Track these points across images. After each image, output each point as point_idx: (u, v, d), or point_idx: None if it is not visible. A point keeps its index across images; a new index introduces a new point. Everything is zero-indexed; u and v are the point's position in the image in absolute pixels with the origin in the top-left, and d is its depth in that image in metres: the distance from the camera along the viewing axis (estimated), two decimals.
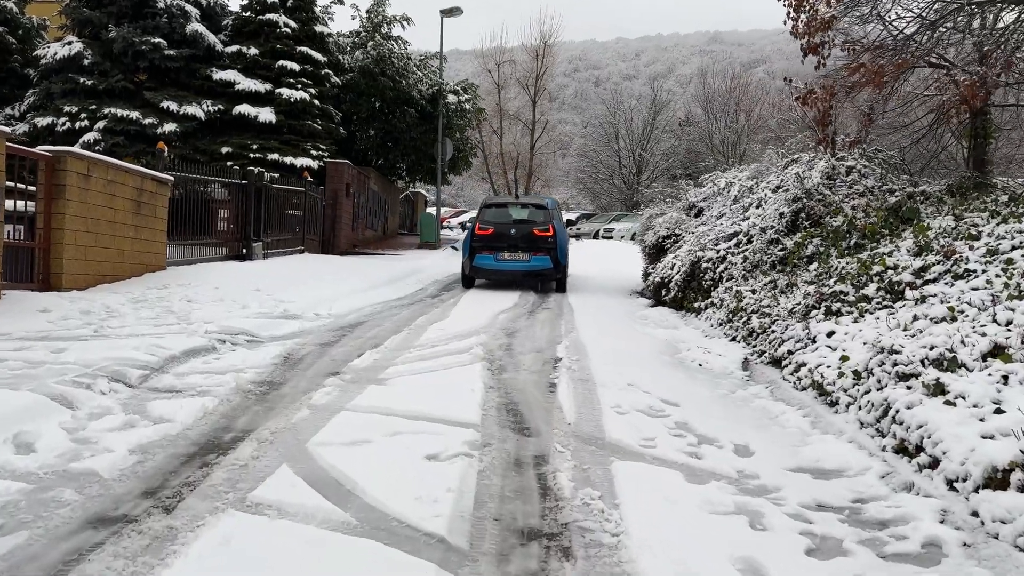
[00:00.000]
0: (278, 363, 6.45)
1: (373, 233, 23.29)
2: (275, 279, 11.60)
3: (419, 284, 14.10)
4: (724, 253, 10.08)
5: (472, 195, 67.00)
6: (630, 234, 32.65)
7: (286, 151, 19.39)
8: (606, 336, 8.65)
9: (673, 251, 12.27)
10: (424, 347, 7.46)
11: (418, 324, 8.95)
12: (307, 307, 9.37)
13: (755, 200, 11.14)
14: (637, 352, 7.77)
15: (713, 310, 9.37)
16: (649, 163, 43.02)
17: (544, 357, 7.33)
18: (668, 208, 14.32)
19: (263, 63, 20.12)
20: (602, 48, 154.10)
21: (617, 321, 10.14)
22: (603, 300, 12.76)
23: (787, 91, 37.82)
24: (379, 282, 13.44)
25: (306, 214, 17.69)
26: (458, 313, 10.09)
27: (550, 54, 50.39)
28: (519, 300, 11.99)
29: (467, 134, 25.89)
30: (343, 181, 20.00)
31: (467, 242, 13.76)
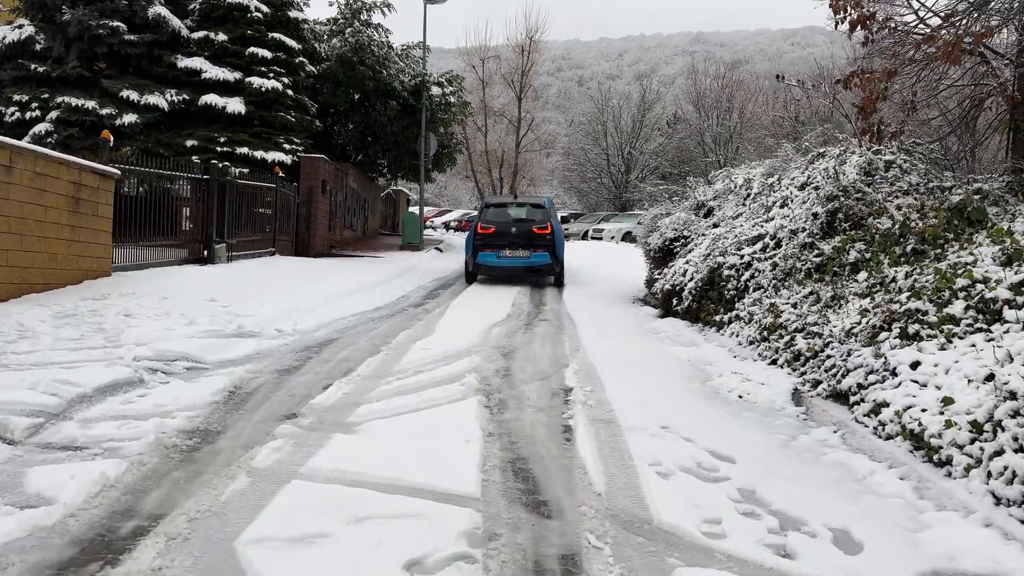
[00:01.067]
0: (220, 401, 5.11)
1: (352, 233, 21.90)
2: (236, 286, 10.21)
3: (401, 290, 12.77)
4: (749, 259, 8.85)
5: (456, 194, 65.59)
6: (620, 235, 31.49)
7: (257, 145, 17.95)
8: (618, 356, 7.38)
9: (683, 255, 11.03)
10: (406, 374, 6.14)
11: (399, 342, 7.63)
12: (268, 321, 8.02)
13: (778, 199, 9.92)
14: (660, 378, 6.50)
15: (740, 325, 8.12)
16: (638, 162, 41.81)
17: (551, 386, 6.04)
18: (674, 207, 13.08)
19: (232, 50, 18.65)
20: (585, 48, 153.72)
21: (626, 335, 8.88)
22: (604, 309, 11.50)
23: (781, 88, 36.36)
24: (355, 289, 12.08)
25: (277, 213, 16.29)
26: (445, 327, 8.78)
27: (536, 50, 49.14)
28: (512, 310, 10.70)
29: (452, 129, 24.55)
30: (319, 177, 18.59)
31: (470, 240, 14.28)
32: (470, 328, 8.63)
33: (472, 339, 7.93)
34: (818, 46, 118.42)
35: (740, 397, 6.01)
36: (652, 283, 12.17)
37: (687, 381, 6.48)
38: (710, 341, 8.35)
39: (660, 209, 13.25)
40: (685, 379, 6.55)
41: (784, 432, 5.09)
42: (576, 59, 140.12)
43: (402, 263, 17.23)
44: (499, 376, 6.30)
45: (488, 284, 14.45)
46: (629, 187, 41.37)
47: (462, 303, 11.38)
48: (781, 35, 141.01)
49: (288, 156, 18.18)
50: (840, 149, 9.92)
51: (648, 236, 12.89)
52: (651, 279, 12.33)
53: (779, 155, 13.28)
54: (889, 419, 4.65)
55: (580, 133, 46.00)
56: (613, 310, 11.37)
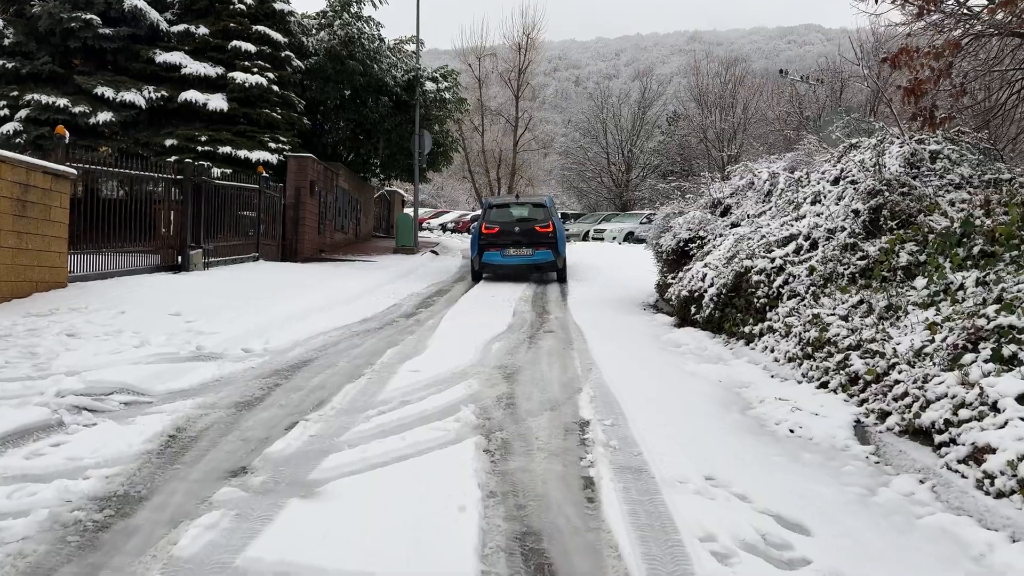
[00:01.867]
0: (154, 451, 4.10)
1: (343, 236, 20.89)
2: (207, 297, 9.20)
3: (392, 298, 11.76)
4: (781, 262, 7.84)
5: (453, 195, 64.54)
6: (622, 235, 30.51)
7: (240, 144, 16.95)
8: (638, 376, 6.38)
9: (701, 258, 10.03)
10: (390, 406, 5.13)
11: (385, 363, 6.61)
12: (235, 340, 7.00)
13: (808, 195, 8.92)
14: (691, 406, 5.49)
15: (775, 338, 7.12)
16: (639, 160, 40.82)
17: (564, 419, 5.04)
18: (688, 205, 12.07)
19: (214, 44, 17.65)
20: (582, 48, 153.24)
21: (643, 350, 7.87)
22: (614, 316, 10.50)
23: (785, 83, 35.68)
24: (342, 298, 11.08)
25: (261, 216, 15.28)
26: (439, 342, 7.77)
27: (533, 47, 48.19)
28: (514, 320, 9.69)
29: (447, 127, 23.54)
30: (307, 178, 17.59)
31: (475, 240, 14.78)
32: (467, 343, 7.63)
33: (469, 357, 6.92)
34: (814, 44, 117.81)
35: (791, 431, 5.00)
36: (665, 288, 11.18)
37: (723, 410, 5.47)
38: (739, 357, 7.34)
39: (672, 207, 12.25)
40: (721, 407, 5.54)
41: (857, 482, 4.09)
42: (572, 59, 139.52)
43: (395, 268, 16.22)
44: (501, 406, 5.29)
45: (487, 290, 13.46)
46: (630, 186, 40.42)
47: (459, 312, 10.37)
48: (777, 33, 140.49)
49: (274, 155, 17.19)
50: (876, 139, 8.93)
51: (659, 237, 11.89)
52: (664, 284, 11.32)
53: (799, 148, 12.32)
54: (999, 470, 3.65)
55: (579, 132, 44.99)
56: (624, 319, 10.37)
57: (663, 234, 11.76)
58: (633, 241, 29.55)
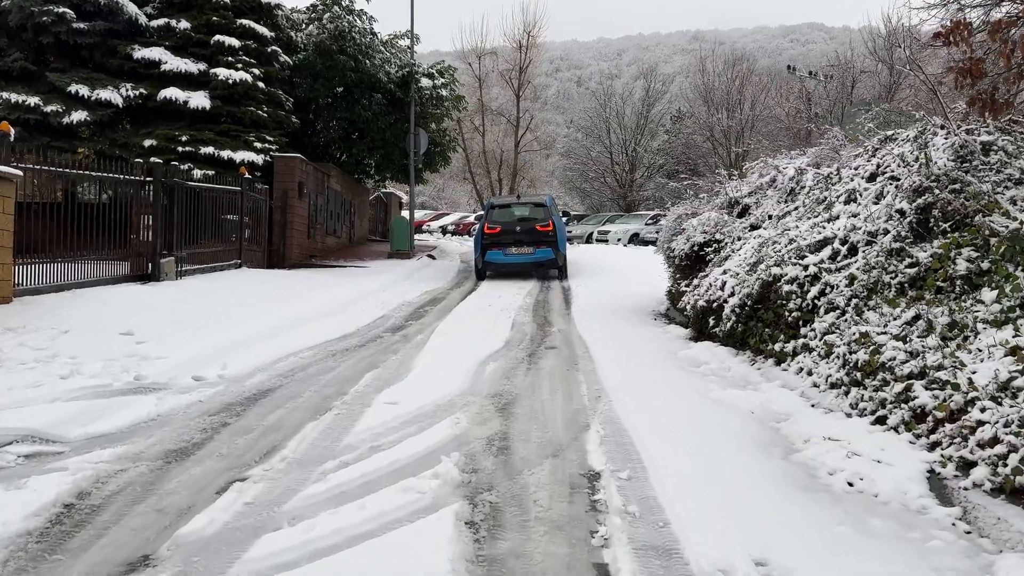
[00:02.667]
0: (34, 532, 3.15)
1: (336, 240, 19.97)
2: (170, 312, 8.27)
3: (380, 309, 10.82)
4: (816, 270, 6.89)
5: (454, 196, 63.65)
6: (627, 237, 29.55)
7: (224, 144, 16.01)
8: (655, 406, 5.42)
9: (718, 263, 9.09)
10: (355, 454, 4.19)
11: (359, 392, 5.67)
12: (186, 365, 6.06)
13: (841, 193, 7.96)
14: (723, 448, 4.53)
15: (811, 359, 6.16)
16: (643, 159, 39.84)
17: (569, 471, 4.09)
18: (702, 205, 11.11)
19: (196, 39, 16.72)
20: (583, 48, 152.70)
21: (658, 371, 6.92)
22: (622, 328, 9.55)
23: (794, 80, 34.70)
24: (324, 309, 10.14)
25: (244, 220, 14.34)
26: (426, 363, 6.82)
27: (534, 45, 47.30)
28: (512, 334, 8.74)
29: (444, 125, 22.58)
30: (295, 179, 16.66)
31: (478, 240, 15.18)
32: (457, 364, 6.68)
33: (458, 383, 5.97)
34: (817, 42, 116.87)
35: (850, 485, 4.04)
36: (678, 296, 10.23)
37: (763, 454, 4.51)
38: (770, 380, 6.38)
39: (684, 208, 11.30)
40: (759, 450, 4.58)
41: (952, 566, 3.13)
42: (574, 59, 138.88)
43: (387, 274, 15.28)
44: (492, 452, 4.34)
45: (485, 297, 12.53)
46: (634, 186, 39.45)
47: (451, 325, 9.43)
48: (780, 32, 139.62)
49: (260, 156, 16.26)
50: (916, 130, 7.96)
51: (671, 241, 10.94)
52: (676, 291, 10.36)
53: (822, 143, 11.36)
54: None
55: (582, 132, 44.02)
56: (633, 331, 9.42)
57: (675, 237, 10.81)
58: (638, 243, 28.61)
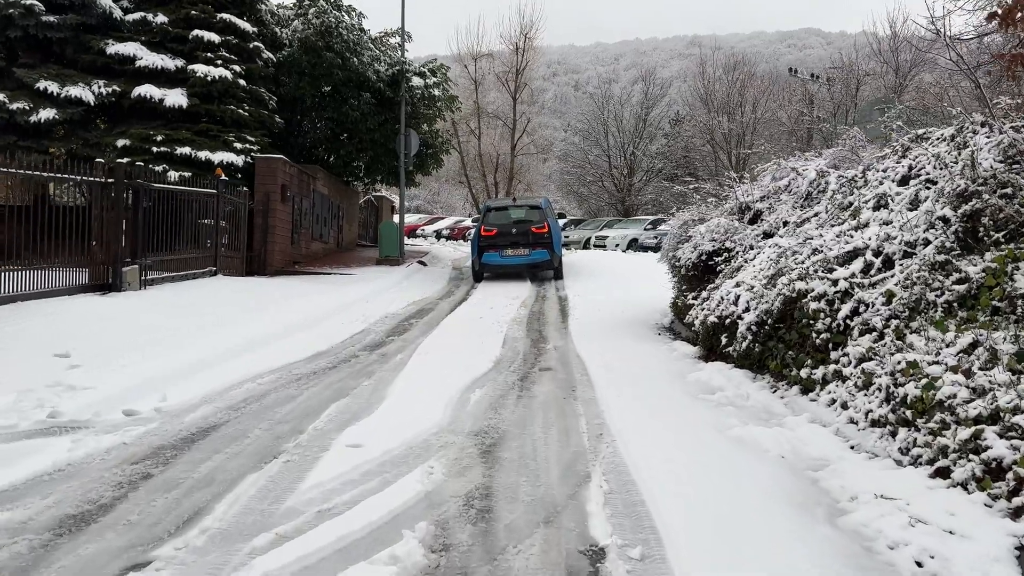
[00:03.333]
0: None
1: (322, 246, 19.10)
2: (120, 328, 7.41)
3: (362, 322, 9.98)
4: (847, 285, 6.06)
5: (450, 200, 62.80)
6: (626, 242, 28.73)
7: (202, 144, 15.15)
8: (667, 448, 4.58)
9: (729, 274, 8.26)
10: (296, 522, 3.34)
11: (319, 431, 4.82)
12: (120, 395, 5.21)
13: (869, 198, 7.13)
14: (755, 509, 3.69)
15: (846, 389, 5.32)
16: (642, 163, 39.03)
17: (566, 546, 3.24)
18: (710, 210, 10.28)
19: (174, 34, 15.87)
20: (581, 53, 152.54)
21: (666, 399, 6.08)
22: (624, 345, 8.72)
23: (796, 83, 33.92)
24: (299, 322, 9.29)
25: (222, 224, 13.48)
26: (403, 390, 5.98)
27: (531, 47, 46.59)
28: (503, 353, 7.90)
29: (437, 126, 21.75)
30: (277, 182, 15.81)
31: (475, 242, 15.42)
32: (438, 392, 5.85)
33: (436, 417, 5.13)
34: (814, 48, 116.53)
35: (919, 565, 3.21)
36: (684, 309, 9.39)
37: (805, 516, 3.67)
38: (797, 412, 5.54)
39: (691, 213, 10.46)
40: (798, 510, 3.74)
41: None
42: (572, 64, 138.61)
43: (374, 282, 14.42)
44: (469, 519, 3.49)
45: (476, 307, 11.69)
46: (633, 191, 38.64)
47: (437, 341, 8.58)
48: (777, 37, 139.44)
49: (240, 157, 15.41)
50: (953, 128, 7.14)
51: (676, 249, 10.11)
52: (683, 304, 9.52)
53: (843, 142, 10.55)
54: None
55: (579, 136, 43.21)
56: (636, 348, 8.58)
57: (680, 245, 9.97)
58: (637, 249, 27.81)
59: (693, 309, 8.69)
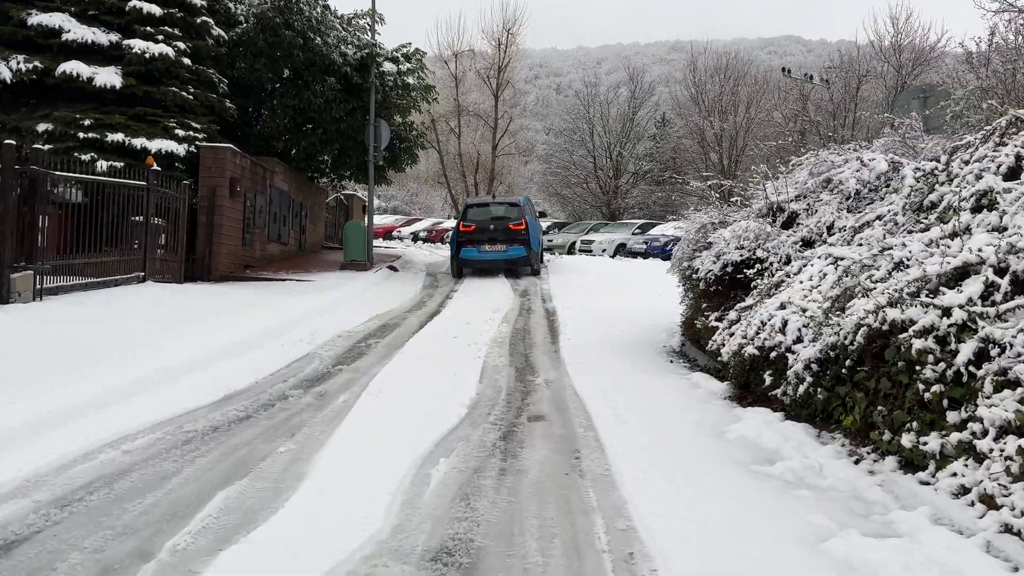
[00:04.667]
0: None
1: (281, 248, 17.16)
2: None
3: (307, 344, 8.13)
4: (964, 316, 4.35)
5: (429, 201, 60.76)
6: (613, 247, 26.99)
7: (138, 130, 13.20)
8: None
9: (767, 292, 6.52)
10: None
11: (179, 552, 2.97)
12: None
13: (967, 197, 5.42)
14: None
15: (985, 474, 3.60)
16: (629, 165, 37.36)
17: None
18: (733, 212, 8.53)
19: (109, 4, 13.90)
20: (563, 56, 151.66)
21: (713, 474, 4.31)
22: (632, 377, 6.95)
23: (789, 84, 32.27)
24: (226, 347, 7.41)
25: (155, 222, 11.53)
26: (333, 463, 4.15)
27: (514, 43, 44.89)
28: (480, 392, 6.09)
29: (412, 119, 19.90)
30: (225, 175, 13.88)
31: (454, 238, 15.70)
32: (386, 464, 4.04)
33: (377, 519, 3.33)
34: (794, 55, 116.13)
35: None
36: (703, 333, 7.64)
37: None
38: (906, 502, 3.78)
39: (710, 215, 8.70)
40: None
41: None
42: (553, 67, 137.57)
43: (333, 291, 12.54)
44: None
45: (451, 323, 9.89)
46: (619, 193, 36.97)
47: (396, 372, 6.76)
48: (758, 44, 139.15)
49: (182, 146, 13.48)
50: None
51: (692, 258, 8.35)
52: (703, 326, 7.74)
53: (888, 133, 8.88)
54: None
55: (563, 137, 41.46)
56: (647, 383, 6.80)
57: (698, 254, 8.22)
58: (625, 254, 26.11)
59: (718, 334, 6.94)
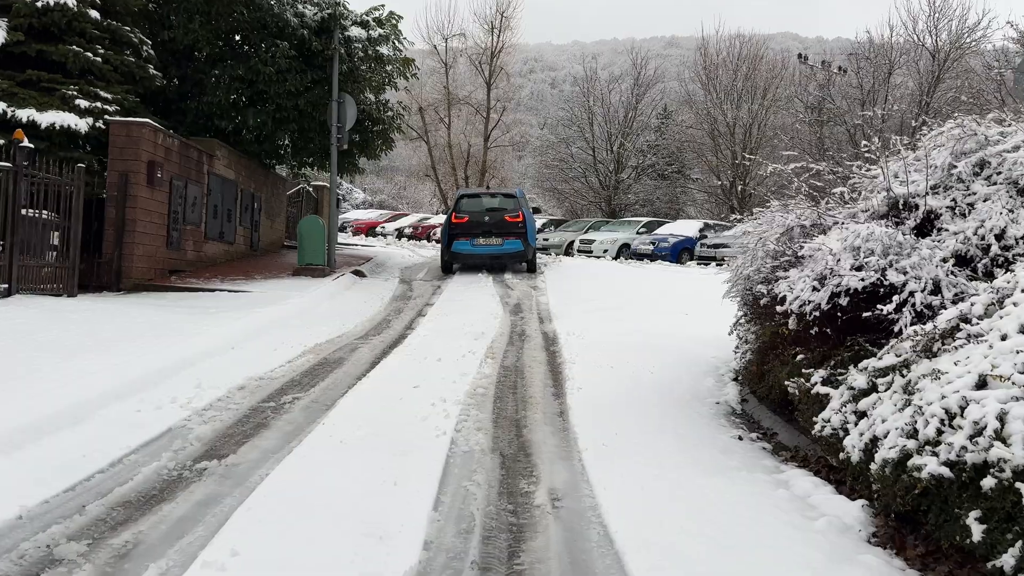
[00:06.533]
0: None
1: (225, 249, 14.28)
2: None
3: (177, 410, 5.32)
4: None
5: (417, 195, 57.84)
6: (616, 248, 24.15)
7: (25, 99, 10.38)
8: None
9: (928, 345, 3.76)
10: None
11: None
12: None
13: None
14: None
15: None
16: (631, 158, 34.53)
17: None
18: (833, 210, 5.71)
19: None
20: (558, 51, 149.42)
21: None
22: (688, 476, 4.18)
23: (805, 71, 28.98)
24: (40, 421, 4.59)
25: (26, 215, 8.70)
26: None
27: (508, 27, 41.96)
28: (433, 542, 3.29)
29: (387, 97, 17.06)
30: (140, 157, 11.03)
31: (445, 231, 14.84)
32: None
33: None
34: (791, 51, 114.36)
35: None
36: (797, 400, 4.84)
37: None
38: None
39: (796, 214, 5.85)
40: None
41: None
42: (548, 61, 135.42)
43: (268, 310, 9.69)
44: None
45: (412, 362, 7.09)
46: (620, 188, 34.16)
47: (289, 490, 3.96)
48: (755, 39, 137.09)
49: (85, 120, 10.64)
50: None
51: (772, 280, 5.54)
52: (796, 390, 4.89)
53: None
54: None
55: (561, 125, 38.56)
56: (718, 490, 4.02)
57: (780, 272, 5.42)
58: (629, 256, 23.29)
59: (831, 410, 4.19)
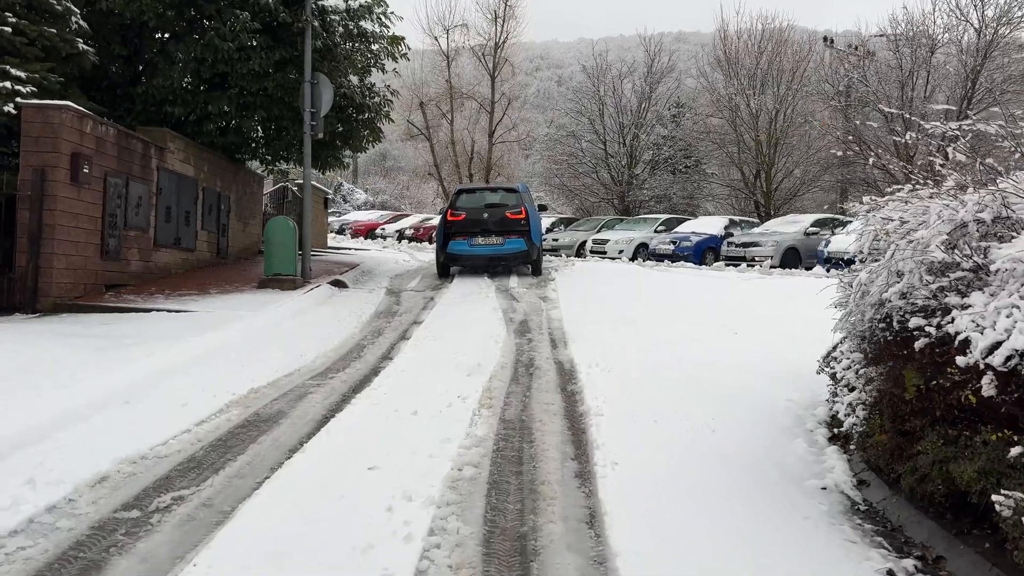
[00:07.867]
0: None
1: (183, 257, 12.22)
2: None
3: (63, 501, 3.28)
4: None
5: (420, 195, 55.81)
6: (632, 248, 22.03)
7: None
8: None
9: None
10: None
11: None
12: None
13: None
14: None
15: None
16: (646, 151, 32.40)
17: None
18: (1016, 198, 3.65)
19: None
20: (564, 48, 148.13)
21: None
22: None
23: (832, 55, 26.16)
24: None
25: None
26: None
27: (513, 17, 39.96)
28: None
29: (373, 81, 15.00)
30: (61, 148, 9.02)
31: (440, 229, 13.84)
32: None
33: None
34: (800, 43, 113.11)
35: None
36: (1006, 528, 2.74)
37: None
38: None
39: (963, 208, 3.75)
40: None
41: None
42: (555, 59, 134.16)
43: (210, 336, 7.63)
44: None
45: (375, 416, 5.03)
46: (634, 183, 32.02)
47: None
48: (765, 35, 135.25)
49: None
50: None
51: (930, 310, 3.46)
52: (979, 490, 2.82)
53: None
54: None
55: (569, 118, 36.48)
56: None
57: (953, 295, 3.36)
58: (647, 256, 21.21)
59: None
